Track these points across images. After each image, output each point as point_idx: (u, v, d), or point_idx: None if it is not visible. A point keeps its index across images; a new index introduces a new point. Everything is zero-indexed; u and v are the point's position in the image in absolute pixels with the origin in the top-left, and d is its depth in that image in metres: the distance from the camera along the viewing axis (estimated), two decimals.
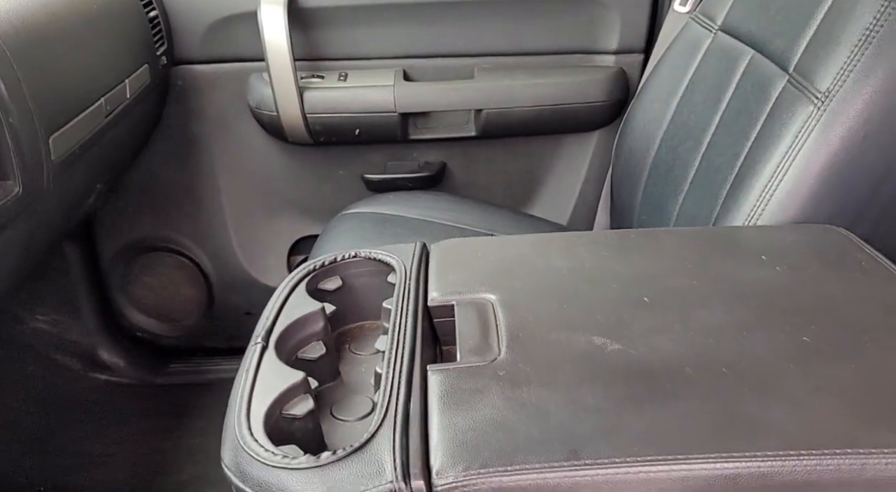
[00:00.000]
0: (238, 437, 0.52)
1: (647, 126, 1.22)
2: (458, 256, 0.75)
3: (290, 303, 0.69)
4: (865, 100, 0.77)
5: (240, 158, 1.50)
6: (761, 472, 0.47)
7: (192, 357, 1.64)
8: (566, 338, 0.60)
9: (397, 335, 0.62)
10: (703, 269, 0.70)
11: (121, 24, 1.12)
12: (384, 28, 1.41)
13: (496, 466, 0.48)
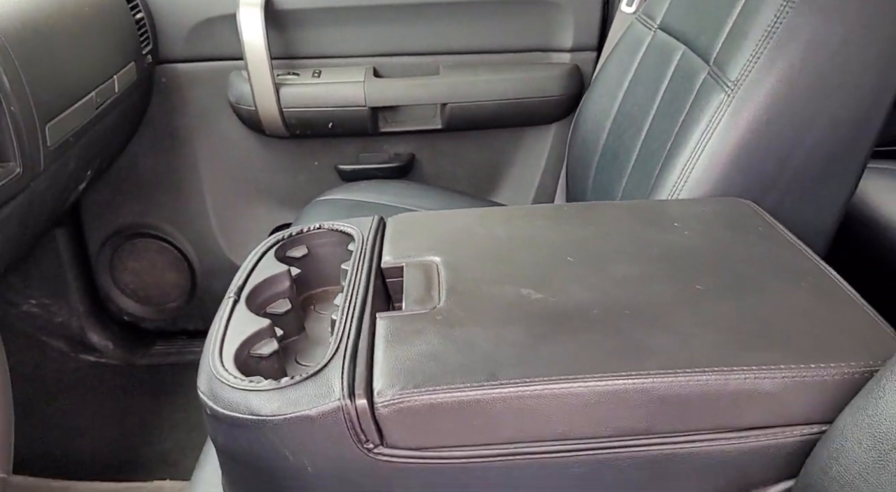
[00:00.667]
0: (212, 368, 0.61)
1: (597, 117, 1.31)
2: (410, 226, 0.84)
3: (260, 266, 0.77)
4: (768, 88, 0.87)
5: (220, 150, 1.59)
6: (644, 387, 0.56)
7: (175, 339, 1.72)
8: (497, 290, 0.69)
9: (352, 290, 0.70)
10: (621, 234, 0.79)
11: (110, 24, 1.20)
12: (355, 28, 1.49)
13: (427, 386, 0.57)
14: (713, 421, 0.57)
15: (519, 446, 0.58)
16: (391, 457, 0.57)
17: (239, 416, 0.57)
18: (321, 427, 0.56)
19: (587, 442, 0.57)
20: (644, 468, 0.58)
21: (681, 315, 0.63)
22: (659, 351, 0.58)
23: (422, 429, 0.57)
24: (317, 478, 0.58)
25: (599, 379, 0.56)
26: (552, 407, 0.56)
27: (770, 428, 0.57)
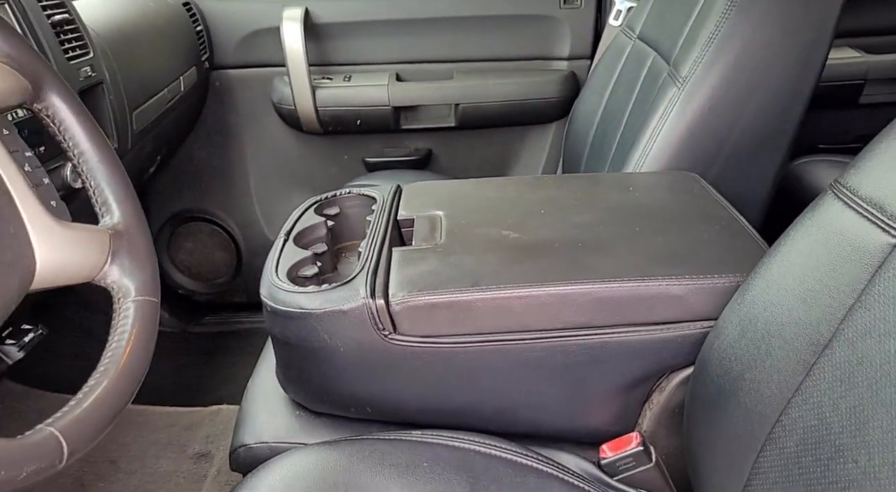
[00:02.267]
0: (271, 280, 0.82)
1: (587, 115, 1.51)
2: (421, 191, 1.04)
3: (303, 217, 0.98)
4: (710, 83, 1.06)
5: (264, 145, 1.80)
6: (585, 292, 0.75)
7: (223, 310, 1.93)
8: (484, 232, 0.89)
9: (374, 232, 0.91)
10: (586, 195, 0.99)
11: (177, 34, 1.43)
12: (381, 39, 1.71)
13: (428, 290, 0.76)
14: (636, 317, 0.76)
15: (495, 335, 0.77)
16: (401, 342, 0.77)
17: (291, 310, 0.77)
18: (350, 319, 0.76)
19: (544, 333, 0.77)
20: (586, 353, 0.78)
21: (619, 246, 0.83)
22: (599, 268, 0.78)
23: (424, 322, 0.77)
24: (346, 356, 0.78)
25: (554, 286, 0.76)
26: (519, 306, 0.76)
27: (678, 323, 0.76)
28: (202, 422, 1.29)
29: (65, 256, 0.52)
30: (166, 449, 1.20)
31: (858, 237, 0.60)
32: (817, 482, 0.57)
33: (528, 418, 0.81)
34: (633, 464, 0.78)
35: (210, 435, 1.23)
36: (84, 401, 0.49)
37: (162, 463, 1.15)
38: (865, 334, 0.56)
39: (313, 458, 0.74)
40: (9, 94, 0.53)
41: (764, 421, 0.64)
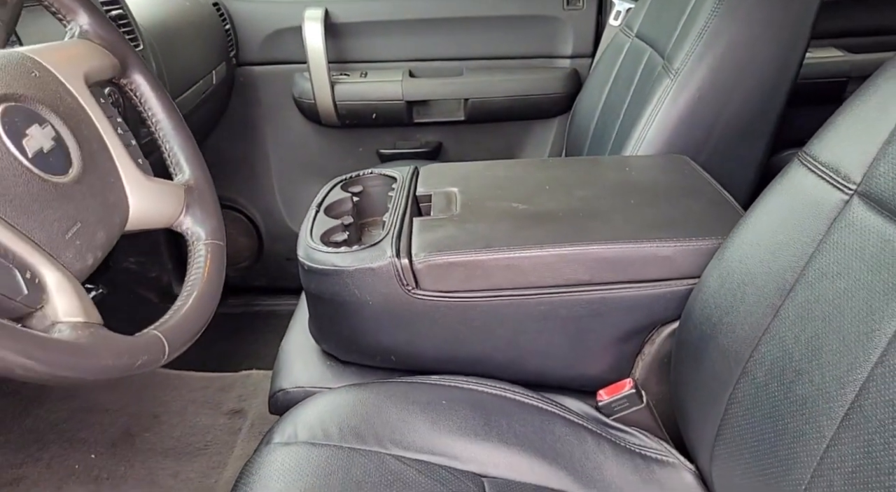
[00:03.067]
0: (307, 242, 0.91)
1: (589, 109, 1.60)
2: (437, 171, 1.14)
3: (331, 193, 1.08)
4: (699, 75, 1.15)
5: (285, 137, 1.90)
6: (585, 252, 0.85)
7: (245, 293, 2.02)
8: (495, 204, 0.98)
9: (396, 206, 1.00)
10: (587, 174, 1.08)
11: (209, 32, 1.53)
12: (395, 38, 1.81)
13: (446, 251, 0.86)
14: (630, 276, 0.86)
15: (505, 291, 0.87)
16: (422, 296, 0.87)
17: (326, 268, 0.87)
18: (378, 275, 0.86)
19: (549, 289, 0.87)
20: (586, 307, 0.87)
21: (615, 215, 0.92)
22: (597, 233, 0.88)
23: (442, 278, 0.86)
24: (373, 309, 0.88)
25: (557, 247, 0.86)
26: (526, 265, 0.86)
27: (667, 280, 0.86)
28: (234, 384, 1.39)
29: (150, 205, 0.61)
30: (203, 406, 1.30)
31: (818, 196, 0.69)
32: (781, 403, 0.66)
33: (534, 367, 0.91)
34: (626, 405, 0.88)
35: (242, 395, 1.32)
36: (176, 314, 0.59)
37: (200, 418, 1.25)
38: (822, 276, 0.66)
39: (345, 396, 0.84)
40: (103, 70, 0.62)
41: (738, 358, 0.73)
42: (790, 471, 0.63)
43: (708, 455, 0.78)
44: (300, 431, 0.79)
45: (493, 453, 0.80)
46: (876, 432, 0.55)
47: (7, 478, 1.03)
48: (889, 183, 0.62)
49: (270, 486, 0.72)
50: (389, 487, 0.72)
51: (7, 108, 0.50)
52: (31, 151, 0.50)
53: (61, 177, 0.52)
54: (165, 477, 1.11)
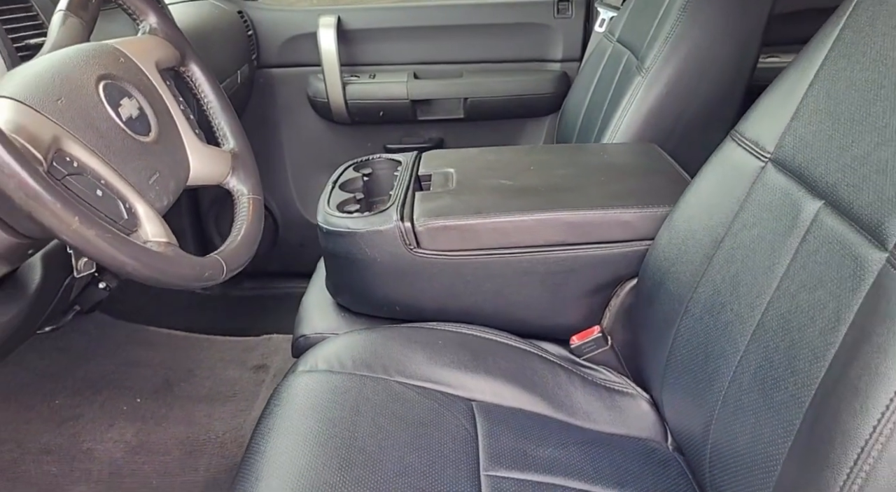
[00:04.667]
0: (325, 210, 1.07)
1: (575, 107, 1.76)
2: (437, 156, 1.29)
3: (345, 173, 1.24)
4: (667, 73, 1.31)
5: (299, 134, 2.06)
6: (559, 217, 1.00)
7: (260, 278, 2.17)
8: (486, 181, 1.13)
9: (401, 182, 1.16)
10: (567, 157, 1.24)
11: (234, 36, 1.69)
12: (401, 43, 1.97)
13: (442, 216, 1.01)
14: (598, 237, 1.01)
15: (493, 250, 1.02)
16: (422, 255, 1.02)
17: (342, 230, 1.02)
18: (385, 237, 1.01)
19: (529, 248, 1.01)
20: (561, 264, 1.02)
21: (587, 188, 1.07)
22: (570, 202, 1.03)
23: (439, 240, 1.01)
24: (381, 266, 1.03)
25: (536, 213, 1.01)
26: (510, 228, 1.01)
27: (628, 242, 1.01)
28: (258, 346, 1.54)
29: (205, 166, 0.76)
30: (231, 363, 1.45)
31: (742, 164, 0.84)
32: (710, 331, 0.81)
33: (517, 316, 1.06)
34: (594, 348, 1.03)
35: (265, 353, 1.47)
36: (230, 246, 0.74)
37: (228, 372, 1.40)
38: (743, 227, 0.81)
39: (357, 337, 0.99)
40: (168, 59, 0.78)
41: (681, 300, 0.88)
42: (714, 382, 0.78)
43: (659, 384, 0.93)
44: (320, 362, 0.94)
45: (480, 383, 0.94)
46: (771, 339, 0.70)
47: (68, 415, 1.19)
48: (791, 151, 0.77)
49: (296, 402, 0.87)
50: (393, 404, 0.87)
51: (106, 85, 0.65)
52: (125, 116, 0.65)
53: (145, 137, 0.67)
54: (200, 417, 1.26)
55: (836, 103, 0.71)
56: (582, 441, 0.90)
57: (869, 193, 0.62)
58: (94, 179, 0.59)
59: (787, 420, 0.64)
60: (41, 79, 0.60)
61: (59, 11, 0.74)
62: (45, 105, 0.58)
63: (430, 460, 0.79)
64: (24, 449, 1.15)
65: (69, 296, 1.01)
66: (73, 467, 1.14)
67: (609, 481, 0.83)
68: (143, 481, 1.13)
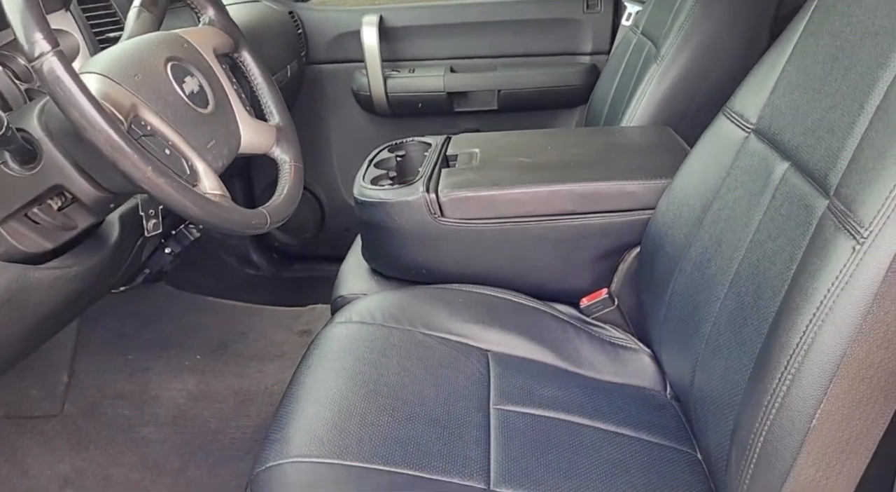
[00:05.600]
0: (361, 183, 1.18)
1: (601, 97, 1.83)
2: (464, 139, 1.39)
3: (380, 154, 1.35)
4: (681, 61, 1.38)
5: (344, 125, 2.19)
6: (570, 189, 1.09)
7: (308, 260, 2.30)
8: (507, 159, 1.23)
9: (429, 161, 1.26)
10: (582, 139, 1.33)
11: (286, 35, 1.83)
12: (439, 40, 2.08)
13: (465, 188, 1.12)
14: (605, 207, 1.10)
15: (509, 219, 1.12)
16: (446, 223, 1.12)
17: (374, 201, 1.14)
18: (413, 206, 1.12)
19: (543, 217, 1.11)
20: (572, 232, 1.11)
21: (597, 164, 1.16)
22: (581, 175, 1.12)
23: (462, 209, 1.12)
24: (410, 233, 1.13)
25: (549, 185, 1.10)
26: (525, 199, 1.10)
27: (633, 211, 1.10)
28: (303, 314, 1.67)
29: (254, 137, 0.89)
30: (279, 328, 1.58)
31: (730, 135, 0.93)
32: (697, 284, 0.89)
33: (532, 279, 1.15)
34: (601, 308, 1.12)
35: (309, 320, 1.60)
36: (274, 202, 0.86)
37: (277, 336, 1.54)
38: (728, 191, 0.89)
39: (387, 295, 1.11)
40: (224, 46, 0.90)
41: (676, 259, 0.97)
42: (699, 328, 0.87)
43: (658, 338, 1.01)
44: (354, 315, 1.06)
45: (495, 335, 1.04)
46: (744, 285, 0.78)
47: (139, 368, 1.35)
48: (769, 121, 0.85)
49: (333, 346, 0.98)
50: (416, 349, 0.98)
51: (173, 65, 0.78)
52: (187, 91, 0.78)
53: (204, 109, 0.80)
54: (252, 372, 1.40)
55: (804, 76, 0.79)
56: (585, 386, 0.99)
57: (821, 150, 0.70)
58: (163, 141, 0.72)
59: (750, 352, 0.72)
60: (122, 59, 0.73)
61: (135, 7, 0.88)
62: (125, 79, 0.70)
63: (446, 395, 0.90)
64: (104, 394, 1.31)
65: (140, 259, 1.15)
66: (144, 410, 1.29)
67: (606, 419, 0.92)
68: (203, 424, 1.28)
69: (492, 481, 0.77)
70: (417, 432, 0.81)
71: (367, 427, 0.81)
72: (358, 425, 0.81)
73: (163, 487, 1.19)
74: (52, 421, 1.26)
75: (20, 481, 1.18)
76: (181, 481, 1.20)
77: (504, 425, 0.86)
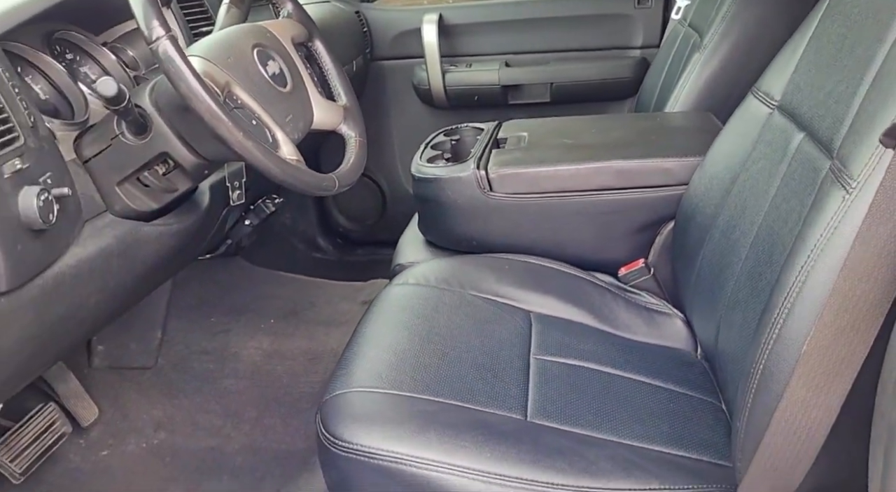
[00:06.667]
0: (418, 162, 1.29)
1: (650, 88, 1.89)
2: (514, 124, 1.48)
3: (436, 137, 1.46)
4: (723, 50, 1.44)
5: (405, 117, 2.30)
6: (609, 165, 1.17)
7: (370, 245, 2.43)
8: (552, 140, 1.32)
9: (481, 142, 1.36)
10: (625, 123, 1.40)
11: (353, 32, 1.96)
12: (494, 36, 2.17)
13: (512, 166, 1.21)
14: (643, 183, 1.17)
15: (553, 194, 1.20)
16: (495, 197, 1.22)
17: (429, 177, 1.25)
18: (464, 181, 1.22)
19: (584, 192, 1.19)
20: (611, 206, 1.19)
21: (636, 144, 1.24)
22: (620, 154, 1.20)
23: (509, 185, 1.21)
24: (461, 206, 1.23)
25: (590, 163, 1.19)
26: (567, 175, 1.19)
27: (670, 186, 1.17)
28: (365, 287, 1.81)
29: (324, 115, 1.00)
30: (344, 299, 1.72)
31: (756, 112, 0.99)
32: (723, 249, 0.97)
33: (573, 250, 1.24)
34: (638, 276, 1.19)
35: (371, 292, 1.72)
36: (341, 169, 0.98)
37: (342, 305, 1.68)
38: (753, 163, 0.96)
39: (440, 262, 1.21)
40: (299, 35, 1.03)
41: (706, 228, 1.04)
42: (723, 289, 0.94)
43: (689, 303, 1.09)
44: (410, 279, 1.17)
45: (538, 299, 1.13)
46: (761, 244, 0.85)
47: (220, 329, 1.51)
48: (790, 97, 0.91)
49: (391, 303, 1.09)
50: (465, 307, 1.08)
51: (258, 50, 0.90)
52: (270, 73, 0.90)
53: (283, 89, 0.92)
54: (320, 335, 1.53)
55: (819, 55, 0.85)
56: (619, 345, 1.07)
57: (829, 119, 0.76)
58: (250, 113, 0.84)
59: (762, 302, 0.79)
60: (217, 45, 0.85)
61: (225, 3, 1.01)
62: (220, 61, 0.83)
63: (491, 344, 0.99)
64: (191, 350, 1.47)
65: (224, 228, 1.29)
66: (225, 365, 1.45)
67: (637, 371, 0.99)
68: (276, 379, 1.42)
69: (528, 414, 0.86)
70: (463, 372, 0.91)
71: (420, 368, 0.91)
72: (411, 365, 0.91)
73: (241, 433, 1.33)
74: (147, 372, 1.42)
75: (121, 423, 1.34)
76: (257, 428, 1.34)
77: (542, 371, 0.95)
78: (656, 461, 0.81)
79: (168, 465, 1.27)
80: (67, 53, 0.99)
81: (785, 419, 0.63)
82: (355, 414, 0.82)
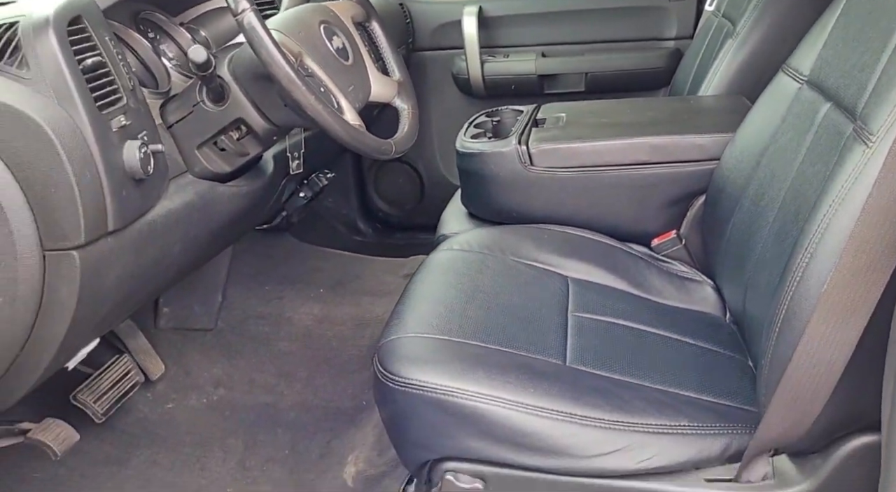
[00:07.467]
0: (462, 138, 1.36)
1: (683, 78, 1.93)
2: (553, 106, 1.54)
3: (479, 118, 1.53)
4: (756, 34, 1.48)
5: (445, 106, 2.37)
6: (644, 142, 1.23)
7: (408, 230, 2.51)
8: (589, 120, 1.38)
9: (521, 123, 1.43)
10: (659, 105, 1.46)
11: (398, 24, 2.04)
12: (531, 27, 2.23)
13: (552, 142, 1.28)
14: (677, 157, 1.23)
15: (589, 167, 1.27)
16: (535, 171, 1.28)
17: (472, 151, 1.32)
18: (505, 156, 1.29)
19: (620, 167, 1.25)
20: (646, 180, 1.25)
21: (670, 122, 1.30)
22: (655, 130, 1.26)
23: (548, 159, 1.28)
24: (503, 180, 1.30)
25: (625, 139, 1.25)
26: (603, 150, 1.25)
27: (702, 161, 1.22)
28: (408, 262, 1.89)
29: (380, 88, 1.08)
30: (387, 273, 1.80)
31: (786, 88, 1.05)
32: (752, 215, 1.02)
33: (608, 222, 1.30)
34: (670, 246, 1.25)
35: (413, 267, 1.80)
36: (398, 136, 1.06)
37: (386, 277, 1.77)
38: (781, 135, 1.01)
39: (482, 231, 1.28)
40: (358, 15, 1.11)
41: (736, 198, 1.09)
42: (751, 252, 0.99)
43: (720, 269, 1.14)
44: (454, 245, 1.24)
45: (576, 265, 1.20)
46: (788, 206, 0.90)
47: (274, 296, 1.61)
48: (818, 72, 0.97)
49: (437, 265, 1.17)
50: (507, 270, 1.15)
51: (324, 27, 0.99)
52: (335, 47, 0.98)
53: (346, 61, 1.00)
54: (366, 303, 1.62)
55: (846, 31, 0.91)
56: (652, 306, 1.13)
57: (854, 86, 0.82)
58: (319, 81, 0.92)
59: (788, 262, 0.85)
60: (289, 20, 0.94)
61: None
62: (293, 34, 0.91)
63: (531, 302, 1.06)
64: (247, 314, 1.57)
65: (281, 199, 1.38)
66: (279, 328, 1.55)
67: (669, 329, 1.06)
68: (326, 342, 1.51)
69: (568, 360, 0.93)
70: (507, 323, 0.98)
71: (466, 318, 0.98)
72: (458, 315, 0.99)
73: (294, 391, 1.42)
74: (208, 334, 1.52)
75: (184, 379, 1.44)
76: (309, 387, 1.42)
77: (580, 325, 1.02)
78: (686, 403, 0.87)
79: (227, 419, 1.37)
80: (149, 32, 1.08)
81: (806, 352, 0.68)
82: (409, 355, 0.90)
